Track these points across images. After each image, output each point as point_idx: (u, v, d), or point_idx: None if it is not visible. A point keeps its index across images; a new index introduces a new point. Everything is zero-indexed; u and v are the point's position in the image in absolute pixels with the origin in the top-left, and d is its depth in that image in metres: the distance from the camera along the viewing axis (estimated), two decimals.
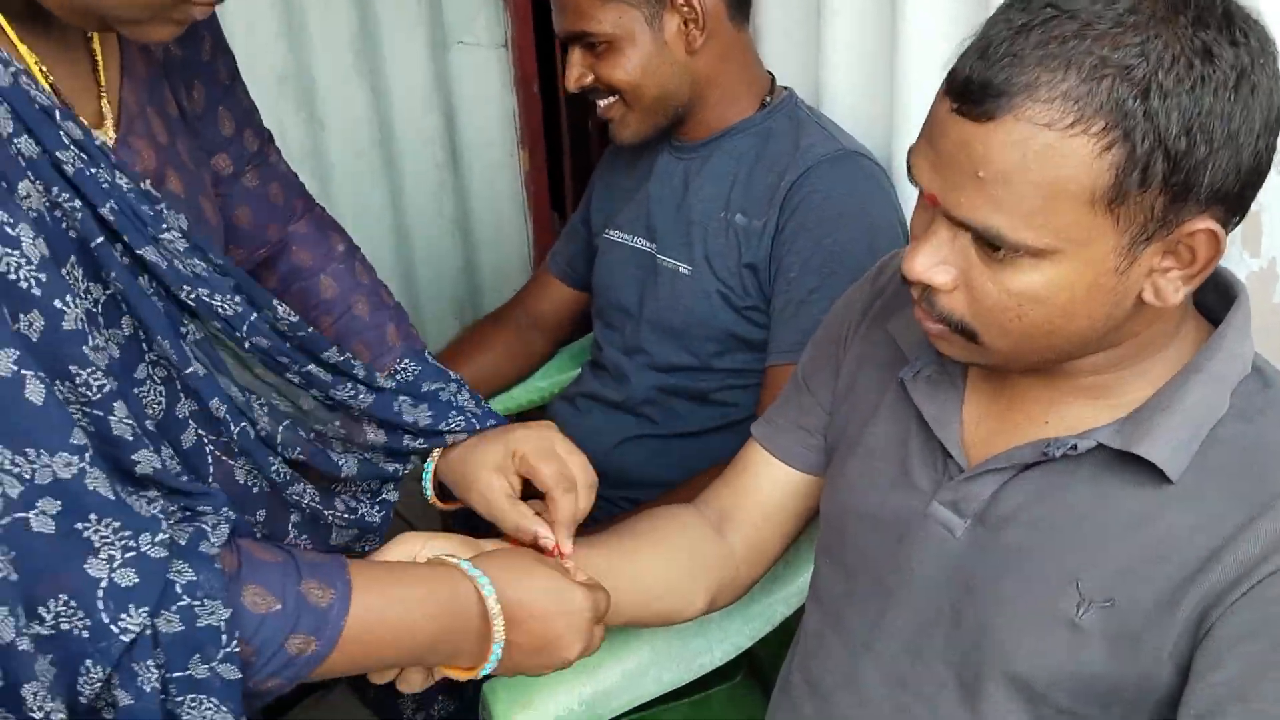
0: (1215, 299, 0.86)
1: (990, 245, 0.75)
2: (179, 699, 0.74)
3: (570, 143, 2.82)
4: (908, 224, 1.33)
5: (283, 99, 2.47)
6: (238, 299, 0.92)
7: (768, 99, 1.44)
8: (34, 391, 0.69)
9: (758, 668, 1.45)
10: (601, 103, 1.44)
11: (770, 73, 1.49)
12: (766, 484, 1.12)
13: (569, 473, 1.07)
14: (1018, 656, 0.85)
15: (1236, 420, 0.80)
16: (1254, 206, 1.02)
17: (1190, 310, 0.85)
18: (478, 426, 1.11)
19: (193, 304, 0.88)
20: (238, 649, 0.75)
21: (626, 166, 1.61)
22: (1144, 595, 0.79)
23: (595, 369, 1.60)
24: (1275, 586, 0.74)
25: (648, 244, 1.49)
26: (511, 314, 1.76)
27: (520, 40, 2.46)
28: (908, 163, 0.80)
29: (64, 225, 0.78)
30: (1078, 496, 0.84)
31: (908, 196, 1.36)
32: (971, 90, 0.73)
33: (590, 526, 1.48)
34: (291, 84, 2.46)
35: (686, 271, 1.42)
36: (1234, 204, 0.75)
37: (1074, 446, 0.83)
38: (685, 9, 1.37)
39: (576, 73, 1.42)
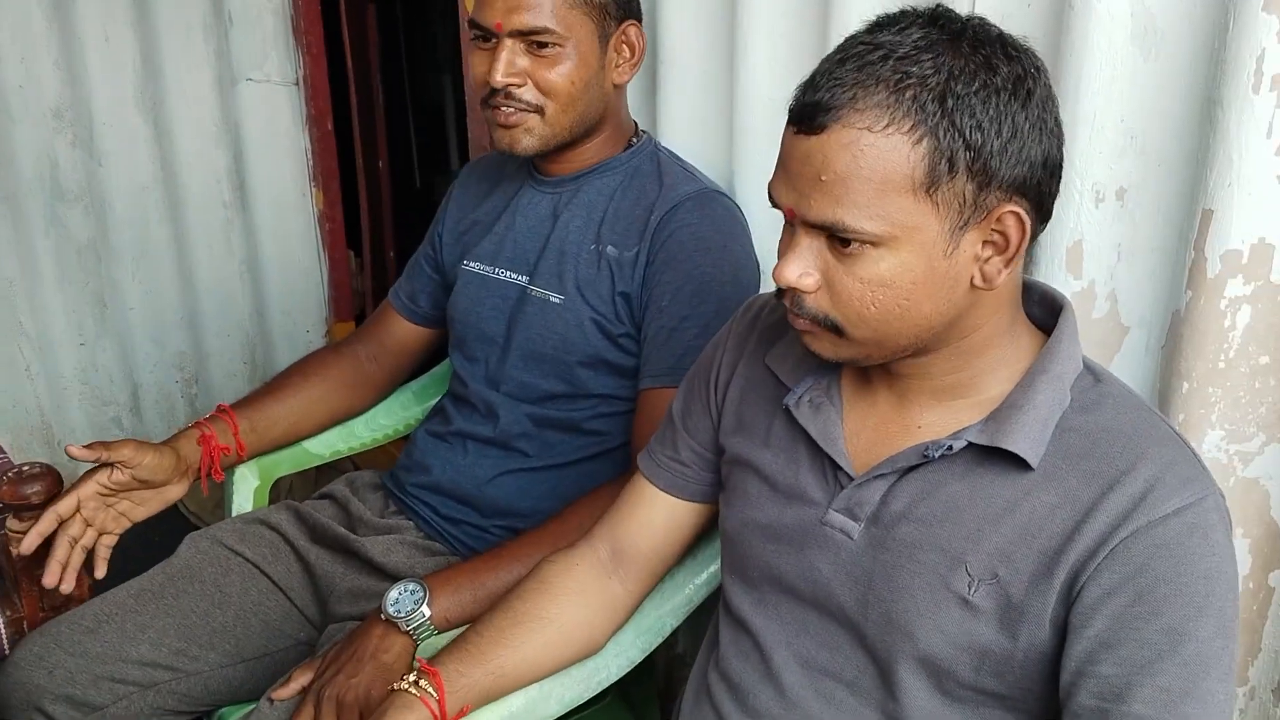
0: (1042, 312, 1.03)
1: (841, 241, 0.89)
2: None
3: (365, 181, 2.79)
4: (758, 259, 1.45)
5: (58, 134, 2.34)
6: None
7: (634, 140, 1.52)
8: None
9: (621, 685, 1.49)
10: (509, 109, 1.40)
11: (634, 119, 1.57)
12: (658, 517, 1.21)
13: None
14: (922, 637, 0.96)
15: (1078, 412, 0.96)
16: (1075, 235, 1.21)
17: (1022, 319, 1.00)
18: None
19: None
20: None
21: (478, 202, 1.63)
22: (1022, 569, 0.92)
23: (459, 404, 1.59)
24: (1130, 549, 0.88)
25: (513, 275, 1.52)
26: (352, 345, 1.72)
27: (314, 78, 2.44)
28: (769, 190, 0.94)
29: None
30: (956, 489, 0.97)
31: (759, 234, 1.47)
32: (806, 112, 0.88)
33: (467, 556, 1.50)
34: (68, 117, 2.34)
35: (558, 300, 1.45)
36: (1034, 197, 0.90)
37: (950, 447, 0.96)
38: (632, 39, 1.44)
39: (509, 68, 1.37)
